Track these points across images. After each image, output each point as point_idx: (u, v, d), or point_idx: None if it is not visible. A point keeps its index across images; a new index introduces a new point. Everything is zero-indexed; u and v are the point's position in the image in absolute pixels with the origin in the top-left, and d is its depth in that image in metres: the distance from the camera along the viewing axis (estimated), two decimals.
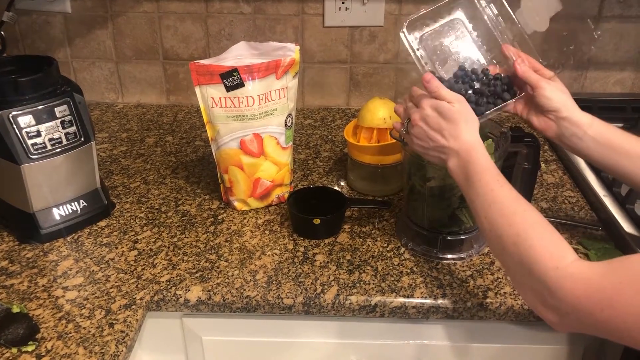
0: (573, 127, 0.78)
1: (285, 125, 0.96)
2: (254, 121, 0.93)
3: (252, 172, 0.96)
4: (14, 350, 0.72)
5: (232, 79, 0.89)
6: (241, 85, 0.90)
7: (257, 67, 0.90)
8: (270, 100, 0.93)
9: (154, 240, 0.92)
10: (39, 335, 0.74)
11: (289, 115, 0.97)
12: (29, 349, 0.72)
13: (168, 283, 0.83)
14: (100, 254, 0.89)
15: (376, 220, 0.97)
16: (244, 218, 0.98)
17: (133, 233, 0.94)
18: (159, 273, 0.85)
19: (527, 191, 0.89)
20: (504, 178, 0.69)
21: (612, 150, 0.76)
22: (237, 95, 0.90)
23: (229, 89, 0.90)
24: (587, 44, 0.79)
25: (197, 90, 0.92)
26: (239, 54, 0.96)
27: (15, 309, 0.76)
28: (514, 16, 0.81)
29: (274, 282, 0.83)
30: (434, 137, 0.74)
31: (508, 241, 0.63)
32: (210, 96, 0.91)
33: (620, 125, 1.22)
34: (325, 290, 0.82)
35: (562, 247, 0.61)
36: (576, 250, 0.89)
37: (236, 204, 1.00)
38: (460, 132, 0.72)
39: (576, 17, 1.28)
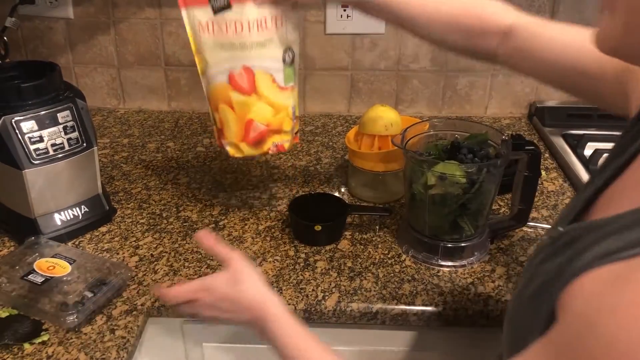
0: None
1: (284, 60, 0.86)
2: (245, 52, 0.82)
3: (243, 113, 0.86)
4: (27, 345, 0.73)
5: (218, 0, 0.80)
6: (227, 7, 0.80)
7: None
8: (265, 28, 0.82)
9: (155, 246, 0.92)
10: (45, 326, 0.76)
11: (289, 49, 0.86)
12: (44, 338, 0.74)
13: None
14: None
15: (377, 227, 0.97)
16: (245, 224, 0.98)
17: (134, 239, 0.94)
18: (160, 279, 0.85)
19: (527, 199, 0.90)
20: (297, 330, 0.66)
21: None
22: (225, 19, 0.81)
23: (215, 11, 0.80)
24: None
25: (184, 13, 0.82)
26: None
27: (4, 314, 0.77)
28: None
29: (275, 288, 0.83)
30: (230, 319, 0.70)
31: None
32: (197, 20, 0.82)
33: (619, 133, 1.22)
34: (326, 297, 0.82)
35: None
36: None
37: (228, 148, 0.90)
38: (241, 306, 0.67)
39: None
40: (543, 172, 1.13)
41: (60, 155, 0.88)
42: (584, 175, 1.09)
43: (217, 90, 0.85)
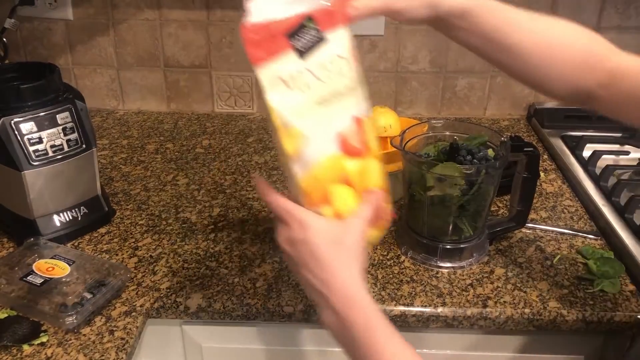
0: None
1: None
2: (351, 97, 0.59)
3: (362, 183, 0.61)
4: (26, 346, 0.73)
5: (305, 34, 0.56)
6: (321, 39, 0.57)
7: (344, 6, 0.59)
8: (356, 58, 0.60)
9: (154, 247, 0.92)
10: (44, 328, 0.76)
11: None
12: (43, 339, 0.74)
13: (168, 290, 0.83)
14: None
15: None
16: (244, 226, 0.98)
17: (133, 240, 0.94)
18: (159, 280, 0.85)
19: (526, 200, 0.90)
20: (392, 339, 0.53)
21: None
22: (320, 61, 0.57)
23: (304, 52, 0.56)
24: None
25: (261, 75, 0.54)
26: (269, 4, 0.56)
27: (3, 315, 0.77)
28: None
29: (274, 289, 0.83)
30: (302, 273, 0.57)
31: None
32: (277, 77, 0.55)
33: (619, 135, 1.23)
34: None
35: None
36: (575, 259, 0.89)
37: None
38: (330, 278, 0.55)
39: None
40: (542, 174, 1.13)
41: (59, 157, 0.88)
42: (583, 177, 1.09)
43: (324, 170, 0.58)
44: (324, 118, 0.57)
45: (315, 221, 0.56)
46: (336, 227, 0.56)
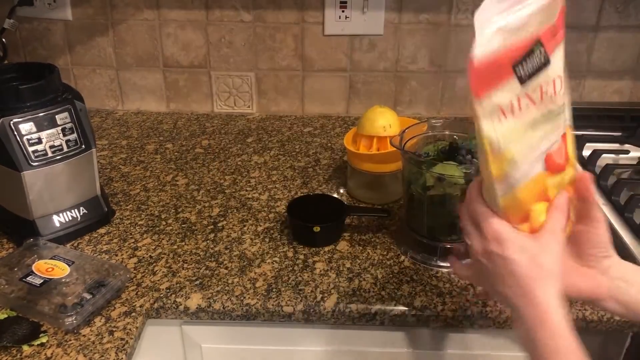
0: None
1: None
2: (562, 115, 0.57)
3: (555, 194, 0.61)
4: (26, 347, 0.73)
5: (532, 60, 0.53)
6: (545, 64, 0.54)
7: (561, 20, 0.54)
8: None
9: (153, 247, 0.92)
10: (43, 328, 0.76)
11: None
12: (43, 340, 0.73)
13: (168, 290, 0.83)
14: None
15: (376, 228, 0.97)
16: (244, 226, 0.98)
17: (133, 240, 0.94)
18: (158, 280, 0.85)
19: None
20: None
21: None
22: (538, 84, 0.54)
23: (526, 78, 0.52)
24: None
25: (479, 106, 0.51)
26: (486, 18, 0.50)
27: (2, 315, 0.77)
28: None
29: (274, 289, 0.83)
30: (496, 286, 0.57)
31: None
32: (496, 106, 0.52)
33: (619, 134, 1.23)
34: (325, 299, 0.82)
35: None
36: None
37: None
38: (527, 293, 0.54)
39: (574, 27, 1.30)
40: None
41: (58, 157, 0.88)
42: None
43: (527, 192, 0.56)
44: (535, 141, 0.55)
45: (514, 237, 0.55)
46: (535, 246, 0.55)
